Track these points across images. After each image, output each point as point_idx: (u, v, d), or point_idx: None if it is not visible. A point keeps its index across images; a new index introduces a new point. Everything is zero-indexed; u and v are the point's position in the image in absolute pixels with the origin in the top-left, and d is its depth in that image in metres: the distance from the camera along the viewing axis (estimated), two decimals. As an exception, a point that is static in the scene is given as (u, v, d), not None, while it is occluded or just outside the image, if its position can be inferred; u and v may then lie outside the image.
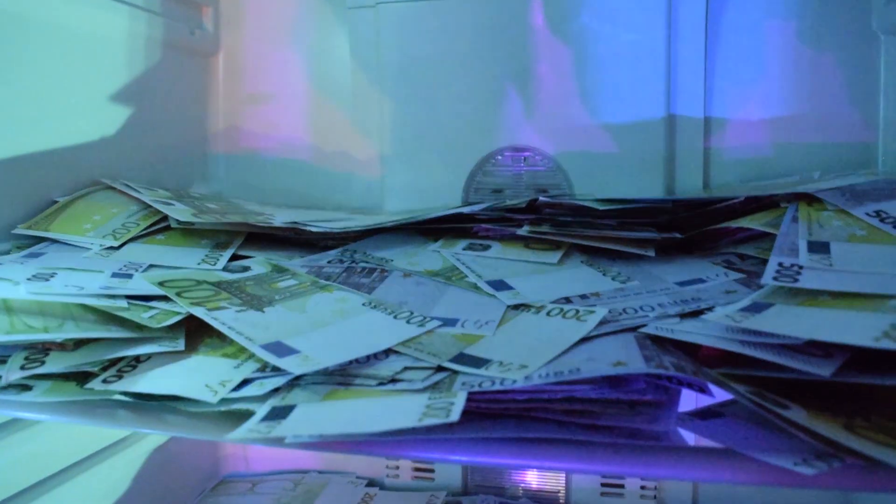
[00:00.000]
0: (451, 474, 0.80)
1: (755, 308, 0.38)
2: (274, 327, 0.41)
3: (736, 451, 0.33)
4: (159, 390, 0.38)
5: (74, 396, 0.40)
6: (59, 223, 0.58)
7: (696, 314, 0.41)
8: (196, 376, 0.39)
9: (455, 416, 0.31)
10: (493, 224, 0.57)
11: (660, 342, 0.38)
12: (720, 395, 0.37)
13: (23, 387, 0.42)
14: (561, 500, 0.78)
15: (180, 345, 0.42)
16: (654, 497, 0.76)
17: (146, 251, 0.54)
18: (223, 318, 0.41)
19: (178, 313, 0.43)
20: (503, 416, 0.35)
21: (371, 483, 0.82)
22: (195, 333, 0.44)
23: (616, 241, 0.52)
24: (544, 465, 0.35)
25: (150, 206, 0.60)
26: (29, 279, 0.45)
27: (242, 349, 0.41)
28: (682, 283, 0.46)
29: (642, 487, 0.76)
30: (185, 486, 0.80)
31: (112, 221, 0.58)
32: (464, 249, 0.54)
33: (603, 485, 0.77)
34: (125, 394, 0.39)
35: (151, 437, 0.72)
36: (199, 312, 0.42)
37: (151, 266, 0.51)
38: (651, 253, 0.51)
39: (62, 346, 0.42)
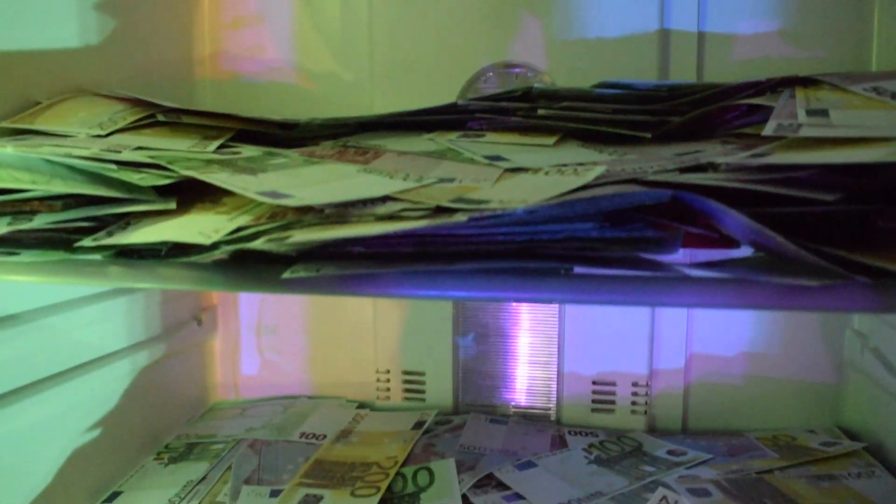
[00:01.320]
0: (442, 395, 0.79)
1: (759, 155, 0.38)
2: (268, 183, 0.40)
3: (739, 280, 0.33)
4: (151, 238, 0.37)
5: (63, 257, 0.39)
6: (43, 118, 0.57)
7: (696, 169, 0.41)
8: (189, 226, 0.38)
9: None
10: (487, 115, 0.57)
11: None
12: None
13: (10, 253, 0.41)
14: (552, 417, 0.78)
15: (172, 205, 0.41)
16: (645, 413, 0.76)
17: (134, 139, 0.53)
18: (217, 177, 0.41)
19: (171, 176, 0.42)
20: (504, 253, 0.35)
21: (361, 406, 0.81)
22: (187, 203, 0.43)
23: (612, 123, 0.52)
24: (543, 296, 0.34)
25: (138, 104, 0.59)
26: (16, 146, 0.44)
27: (236, 207, 0.40)
28: (680, 154, 0.46)
29: (633, 403, 0.76)
30: (173, 414, 0.79)
31: (98, 117, 0.57)
32: (458, 138, 0.54)
33: (594, 401, 0.77)
34: (115, 254, 0.39)
35: (139, 354, 0.72)
36: (191, 173, 0.41)
37: (140, 148, 0.50)
38: (648, 135, 0.51)
39: (50, 208, 0.41)
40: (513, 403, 0.79)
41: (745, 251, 0.39)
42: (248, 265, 0.37)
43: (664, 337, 0.76)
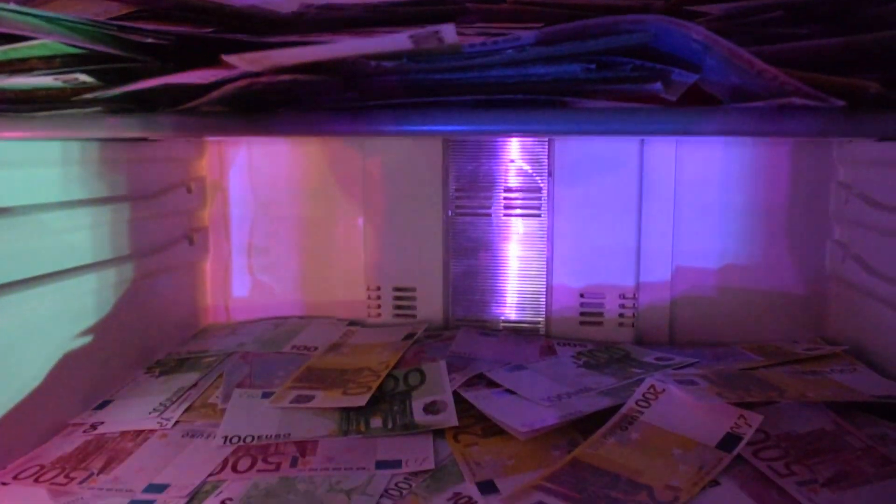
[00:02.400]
0: (433, 311, 0.80)
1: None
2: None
3: (725, 108, 0.34)
4: (150, 85, 0.37)
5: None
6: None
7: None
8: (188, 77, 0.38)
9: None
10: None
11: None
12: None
13: (9, 109, 0.41)
14: (541, 331, 0.79)
15: (170, 64, 0.41)
16: (633, 325, 0.78)
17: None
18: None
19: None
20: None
21: (353, 323, 0.82)
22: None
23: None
24: (531, 128, 0.35)
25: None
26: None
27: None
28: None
29: (620, 315, 0.78)
30: (165, 333, 0.80)
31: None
32: None
33: (582, 314, 0.78)
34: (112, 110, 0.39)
35: (131, 266, 0.72)
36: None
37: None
38: None
39: (48, 64, 0.41)
40: (503, 318, 0.80)
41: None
42: (239, 112, 0.38)
43: (650, 250, 0.77)
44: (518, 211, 0.78)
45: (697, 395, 0.57)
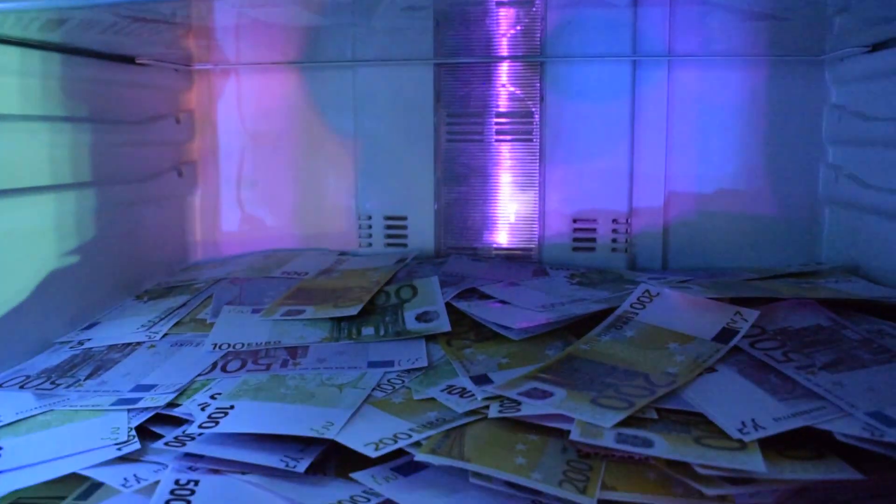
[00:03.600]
0: (424, 239, 0.80)
1: None
2: None
3: None
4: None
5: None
6: None
7: None
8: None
9: None
10: None
11: None
12: None
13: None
14: (533, 257, 0.78)
15: None
16: (626, 251, 0.77)
17: None
18: None
19: None
20: None
21: (343, 254, 0.81)
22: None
23: None
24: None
25: None
26: None
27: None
28: None
29: (613, 241, 0.77)
30: (153, 265, 0.79)
31: None
32: None
33: (575, 240, 0.78)
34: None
35: (120, 190, 0.71)
36: None
37: None
38: None
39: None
40: (494, 245, 0.79)
41: None
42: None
43: (643, 175, 0.76)
44: (510, 136, 0.78)
45: (692, 294, 0.57)
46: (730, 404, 0.44)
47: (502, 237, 0.79)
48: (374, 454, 0.42)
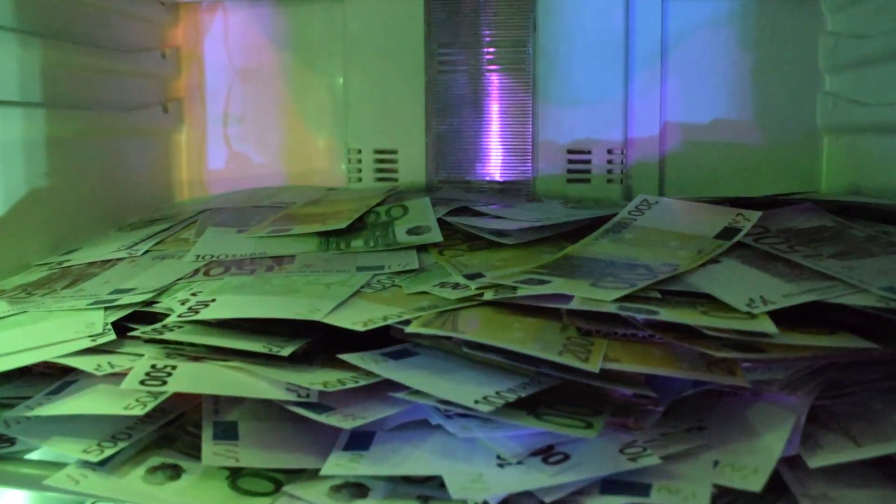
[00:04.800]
0: (415, 173, 0.77)
1: None
2: None
3: None
4: None
5: None
6: None
7: None
8: None
9: None
10: None
11: None
12: None
13: None
14: (527, 190, 0.77)
15: None
16: (621, 182, 0.75)
17: None
18: None
19: None
20: None
21: (332, 189, 0.79)
22: None
23: None
24: None
25: None
26: None
27: None
28: None
29: (609, 172, 0.75)
30: (138, 201, 0.76)
31: None
32: None
33: (569, 171, 0.76)
34: None
35: (102, 117, 0.69)
36: None
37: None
38: None
39: None
40: (487, 178, 0.77)
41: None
42: None
43: (638, 105, 0.74)
44: (502, 67, 0.76)
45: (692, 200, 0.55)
46: (737, 285, 0.42)
47: (495, 170, 0.77)
48: (361, 329, 0.40)
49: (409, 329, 0.39)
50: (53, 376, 0.42)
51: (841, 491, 0.34)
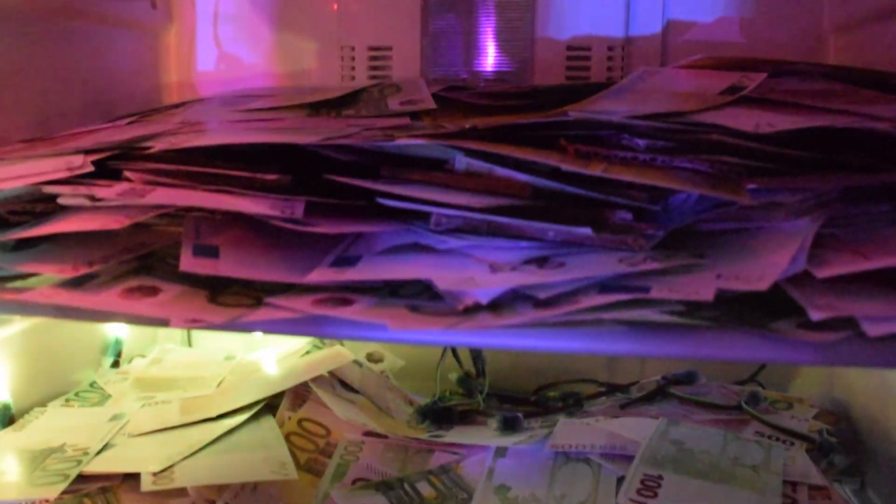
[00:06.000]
0: (410, 71, 0.75)
1: None
2: None
3: None
4: None
5: None
6: None
7: None
8: None
9: None
10: None
11: None
12: None
13: None
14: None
15: None
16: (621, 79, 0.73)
17: None
18: None
19: None
20: None
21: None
22: None
23: None
24: None
25: None
26: None
27: None
28: None
29: (608, 69, 0.73)
30: (124, 103, 0.74)
31: None
32: None
33: (568, 68, 0.74)
34: None
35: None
36: None
37: None
38: None
39: None
40: (483, 75, 0.75)
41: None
42: None
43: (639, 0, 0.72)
44: (500, -43, 0.74)
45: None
46: (743, 118, 0.41)
47: (492, 68, 0.75)
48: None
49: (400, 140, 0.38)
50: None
51: (848, 302, 0.33)
